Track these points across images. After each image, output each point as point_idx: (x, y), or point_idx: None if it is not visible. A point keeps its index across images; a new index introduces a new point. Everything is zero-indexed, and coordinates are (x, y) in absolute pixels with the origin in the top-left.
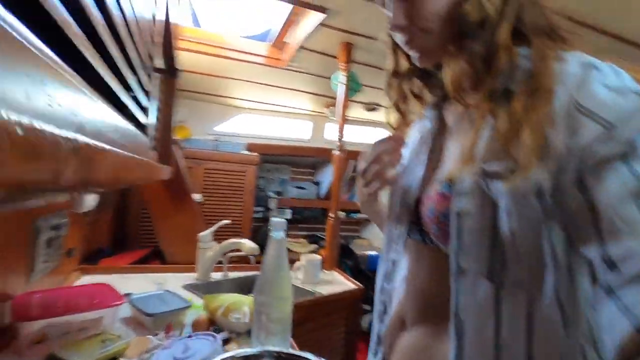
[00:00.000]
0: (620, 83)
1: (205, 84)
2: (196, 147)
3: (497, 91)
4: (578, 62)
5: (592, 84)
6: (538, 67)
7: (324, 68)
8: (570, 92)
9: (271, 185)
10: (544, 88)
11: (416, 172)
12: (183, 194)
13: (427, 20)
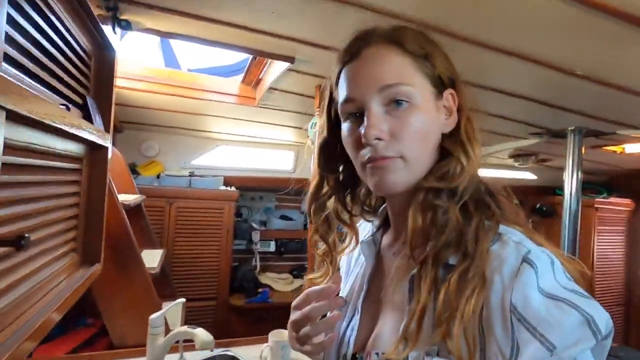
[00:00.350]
0: (554, 285)
1: (180, 120)
2: (168, 184)
3: (442, 259)
4: (516, 252)
5: (527, 286)
6: (474, 248)
7: (302, 105)
8: (506, 288)
9: (255, 215)
10: (478, 272)
11: (352, 321)
12: (134, 261)
13: (405, 145)
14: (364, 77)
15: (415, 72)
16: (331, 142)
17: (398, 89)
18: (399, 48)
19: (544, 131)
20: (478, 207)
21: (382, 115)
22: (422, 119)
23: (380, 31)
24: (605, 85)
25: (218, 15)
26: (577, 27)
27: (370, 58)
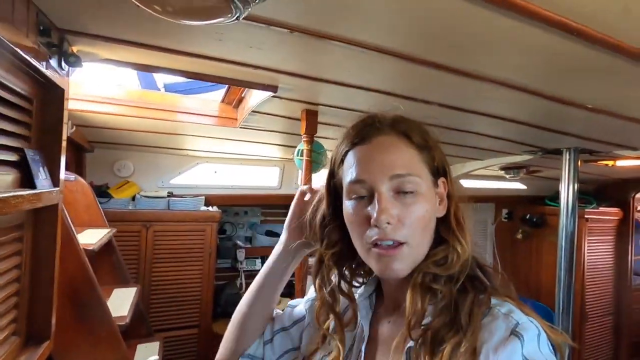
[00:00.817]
0: (536, 354)
1: (156, 139)
2: (144, 207)
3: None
4: (505, 324)
5: (512, 356)
6: (468, 324)
7: (288, 127)
8: (492, 354)
9: (239, 231)
10: (470, 347)
11: None
12: (98, 314)
13: (411, 231)
14: (376, 163)
15: (421, 163)
16: (329, 216)
17: (408, 179)
18: (408, 140)
19: (539, 149)
20: (472, 283)
21: (391, 200)
22: (426, 207)
23: (387, 121)
24: (602, 113)
25: (188, 48)
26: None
27: (382, 146)
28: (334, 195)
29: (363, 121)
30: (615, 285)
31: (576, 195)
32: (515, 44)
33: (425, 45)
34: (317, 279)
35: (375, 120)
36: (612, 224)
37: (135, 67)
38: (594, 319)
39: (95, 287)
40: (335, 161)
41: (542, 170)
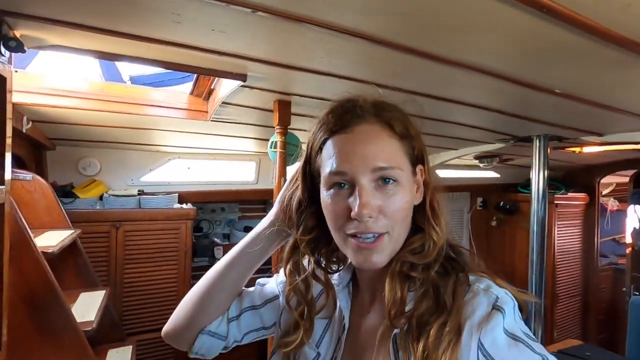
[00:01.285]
0: (515, 327)
1: (123, 134)
2: (113, 206)
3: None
4: (486, 299)
5: (495, 328)
6: (452, 304)
7: (261, 119)
8: (475, 330)
9: (216, 228)
10: (455, 326)
11: None
12: (61, 320)
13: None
14: (357, 155)
15: (402, 154)
16: (305, 202)
17: (390, 171)
18: (390, 129)
19: (510, 137)
20: (450, 265)
21: (372, 191)
22: (406, 197)
23: (369, 107)
24: (569, 99)
25: (144, 32)
26: (545, 46)
27: (363, 135)
28: (310, 182)
29: (342, 106)
30: (583, 267)
31: (546, 181)
32: (488, 26)
33: (398, 28)
34: (289, 264)
35: (357, 105)
36: (579, 208)
37: (91, 54)
38: (564, 299)
39: (56, 292)
40: (312, 148)
41: (514, 158)
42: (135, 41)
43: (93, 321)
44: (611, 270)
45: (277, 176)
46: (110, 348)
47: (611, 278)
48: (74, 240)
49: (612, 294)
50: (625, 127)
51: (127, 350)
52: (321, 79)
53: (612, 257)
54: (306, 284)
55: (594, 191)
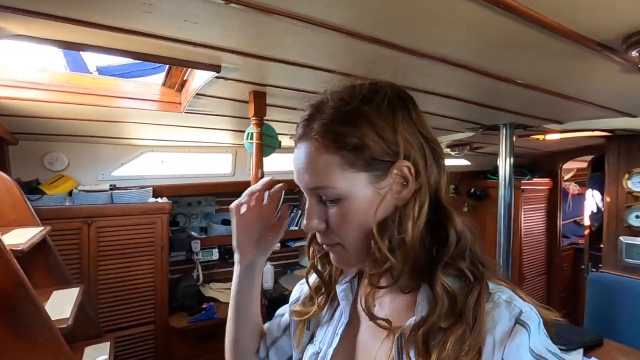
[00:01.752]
0: (542, 347)
1: (91, 128)
2: (83, 202)
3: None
4: (508, 313)
5: (521, 348)
6: (470, 310)
7: (237, 110)
8: (497, 347)
9: (193, 222)
10: (477, 344)
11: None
12: (34, 319)
13: (340, 236)
14: (298, 172)
15: (344, 169)
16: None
17: (325, 191)
18: (333, 144)
19: (479, 126)
20: (469, 269)
21: (318, 206)
22: (356, 209)
23: (322, 118)
24: (531, 89)
25: (114, 22)
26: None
27: (302, 153)
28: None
29: (303, 116)
30: (546, 247)
31: (512, 167)
32: (453, 19)
33: (367, 20)
34: (311, 247)
35: (310, 116)
36: (543, 193)
37: (58, 44)
38: (529, 278)
39: (27, 290)
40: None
41: (484, 146)
42: (103, 31)
43: (68, 318)
44: (572, 250)
45: (254, 167)
46: (86, 345)
47: (572, 257)
48: (44, 237)
49: (573, 272)
50: (583, 115)
51: (105, 347)
52: (295, 70)
53: (573, 237)
54: (322, 263)
55: (557, 176)
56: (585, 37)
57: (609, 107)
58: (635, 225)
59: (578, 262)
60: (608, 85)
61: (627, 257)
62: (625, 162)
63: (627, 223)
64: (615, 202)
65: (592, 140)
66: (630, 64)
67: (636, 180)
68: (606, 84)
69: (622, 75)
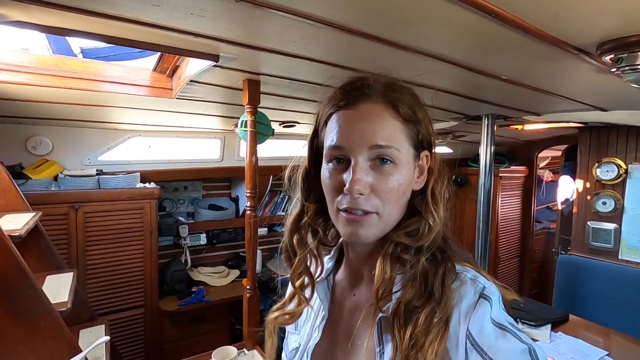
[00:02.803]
0: (502, 317)
1: (77, 112)
2: (70, 187)
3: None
4: (473, 288)
5: (483, 317)
6: (441, 293)
7: (229, 97)
8: (463, 319)
9: (180, 207)
10: (444, 317)
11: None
12: (34, 302)
13: (384, 202)
14: (356, 131)
15: (404, 136)
16: (312, 173)
17: (387, 150)
18: (394, 111)
19: (463, 116)
20: (442, 255)
21: (367, 169)
22: (401, 179)
23: (378, 86)
24: (513, 84)
25: (119, 13)
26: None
27: (366, 113)
28: (316, 153)
29: (352, 83)
30: (521, 231)
31: (493, 156)
32: (445, 22)
33: (365, 19)
34: (296, 236)
35: (365, 84)
36: (520, 180)
37: (57, 32)
38: (504, 261)
39: (26, 275)
40: (319, 121)
41: (466, 135)
42: (105, 19)
43: (67, 302)
44: (544, 234)
45: (249, 154)
46: (81, 328)
47: (544, 241)
48: (36, 222)
49: (544, 255)
50: (558, 108)
51: (100, 329)
52: (292, 61)
53: (545, 222)
54: (309, 257)
55: (533, 164)
56: (564, 41)
57: (583, 102)
58: (602, 211)
59: (549, 246)
60: (583, 83)
61: (594, 240)
62: (595, 152)
63: (594, 209)
64: (585, 189)
65: (566, 131)
66: (604, 66)
67: (605, 169)
68: (581, 81)
69: (596, 74)
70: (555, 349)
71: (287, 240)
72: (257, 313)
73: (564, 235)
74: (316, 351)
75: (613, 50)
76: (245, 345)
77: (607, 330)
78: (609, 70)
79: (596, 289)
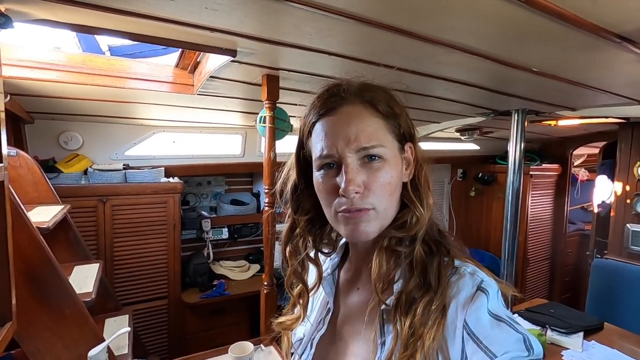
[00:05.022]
0: (499, 308)
1: (104, 108)
2: (98, 181)
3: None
4: (471, 281)
5: (480, 308)
6: (437, 283)
7: (249, 92)
8: (460, 310)
9: (203, 202)
10: (440, 305)
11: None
12: (61, 292)
13: (379, 197)
14: (341, 135)
15: (386, 131)
16: (301, 185)
17: (373, 150)
18: (373, 109)
19: (491, 111)
20: (437, 247)
21: (358, 168)
22: (391, 173)
23: (353, 89)
24: (546, 76)
25: (136, 8)
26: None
27: (347, 116)
28: (304, 165)
29: (328, 91)
30: (552, 233)
31: (523, 153)
32: (471, 10)
33: (386, 9)
34: (289, 246)
35: (341, 89)
36: (552, 178)
37: (77, 29)
38: (534, 263)
39: (53, 265)
40: (303, 132)
41: (494, 131)
42: (123, 16)
43: (91, 292)
44: (578, 236)
45: (267, 150)
46: (106, 317)
47: (577, 243)
48: (65, 215)
49: (577, 258)
50: (597, 102)
51: (124, 319)
52: (310, 55)
53: (579, 223)
54: (302, 266)
55: (567, 162)
56: (604, 29)
57: (624, 95)
58: None
59: (583, 248)
60: (624, 74)
61: (633, 244)
62: (637, 149)
63: (635, 211)
64: (625, 190)
65: (604, 127)
66: None
67: None
68: (622, 73)
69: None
70: (588, 359)
71: (282, 252)
72: (274, 309)
73: (600, 238)
74: (320, 342)
75: None
76: (262, 341)
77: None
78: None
79: (634, 295)
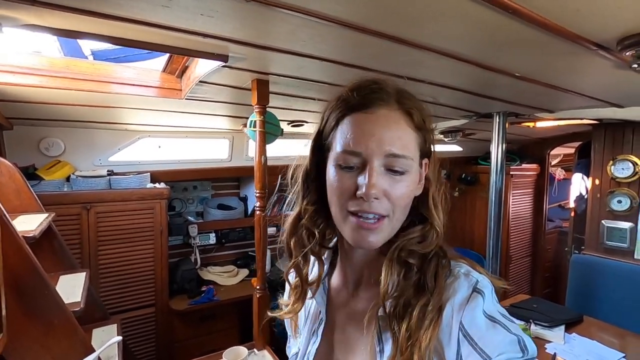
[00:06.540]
0: (494, 309)
1: (87, 113)
2: (82, 187)
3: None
4: (466, 282)
5: (475, 310)
6: (434, 286)
7: (238, 97)
8: (456, 311)
9: (189, 207)
10: (436, 306)
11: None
12: (49, 302)
13: (395, 207)
14: (375, 137)
15: (416, 144)
16: (313, 174)
17: (402, 160)
18: (409, 119)
19: (474, 114)
20: (435, 252)
21: (382, 174)
22: (411, 186)
23: (392, 92)
24: (526, 81)
25: (128, 14)
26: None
27: (384, 119)
28: (320, 155)
29: (368, 86)
30: (532, 230)
31: (504, 154)
32: (459, 18)
33: (376, 16)
34: (294, 237)
35: (382, 88)
36: (531, 178)
37: (67, 35)
38: (516, 260)
39: (41, 275)
40: (327, 122)
41: (476, 132)
42: (115, 21)
43: (80, 302)
44: (556, 233)
45: (257, 155)
46: (94, 327)
47: (556, 240)
48: (50, 223)
49: (556, 254)
50: (573, 104)
51: (112, 328)
52: (301, 60)
53: (557, 221)
54: (304, 259)
55: (545, 162)
56: (584, 37)
57: (599, 98)
58: (617, 209)
59: (561, 245)
60: (600, 79)
61: (608, 239)
62: (610, 149)
63: (609, 207)
64: (600, 187)
65: (579, 128)
66: (623, 62)
67: (620, 167)
68: (598, 78)
69: (614, 70)
70: (570, 351)
71: (285, 242)
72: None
73: (577, 234)
74: (317, 355)
75: (634, 45)
76: (255, 345)
77: (623, 332)
78: (628, 66)
79: (611, 289)
